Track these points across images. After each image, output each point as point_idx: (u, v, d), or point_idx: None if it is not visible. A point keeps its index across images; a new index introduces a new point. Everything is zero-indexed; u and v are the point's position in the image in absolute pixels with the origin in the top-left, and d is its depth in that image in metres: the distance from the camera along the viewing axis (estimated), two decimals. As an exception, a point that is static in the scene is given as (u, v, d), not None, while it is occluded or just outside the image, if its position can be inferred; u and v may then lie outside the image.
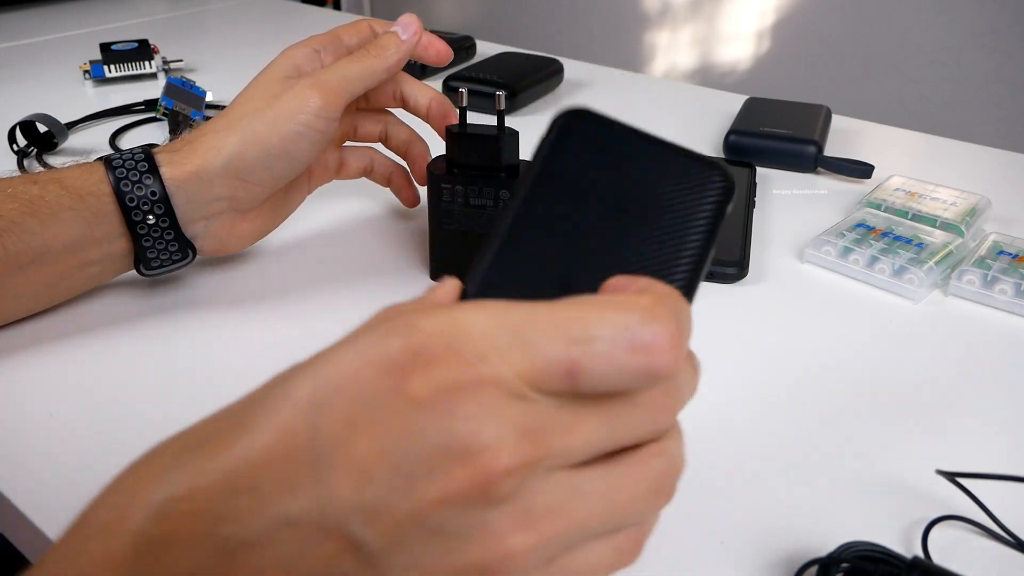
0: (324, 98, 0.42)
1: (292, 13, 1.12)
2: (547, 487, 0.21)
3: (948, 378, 0.41)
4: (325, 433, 0.20)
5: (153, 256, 0.42)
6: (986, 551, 0.31)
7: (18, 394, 0.39)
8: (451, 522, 0.19)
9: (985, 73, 1.54)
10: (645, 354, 0.21)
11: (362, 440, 0.20)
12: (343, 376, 0.20)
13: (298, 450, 0.20)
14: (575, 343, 0.21)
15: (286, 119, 0.42)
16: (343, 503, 0.19)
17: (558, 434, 0.21)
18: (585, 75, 0.84)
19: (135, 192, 0.40)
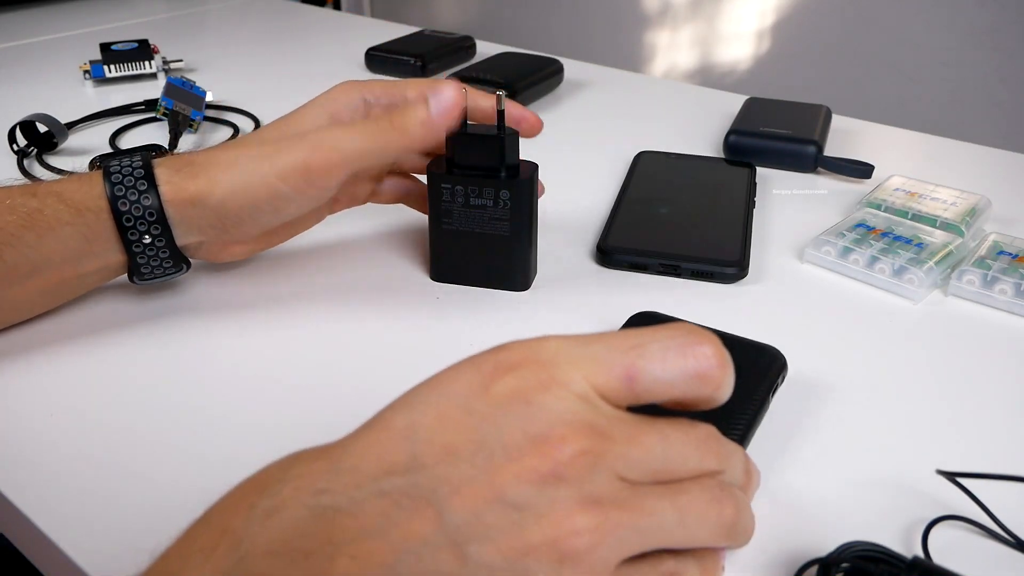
0: (323, 167, 0.39)
1: (292, 13, 1.12)
2: (612, 482, 0.23)
3: (948, 378, 0.41)
4: (420, 425, 0.23)
5: (148, 271, 0.42)
6: (986, 551, 0.31)
7: (18, 395, 0.39)
8: (526, 499, 0.22)
9: (985, 73, 1.54)
10: (694, 357, 0.24)
11: (451, 429, 0.23)
12: (439, 383, 0.24)
13: (395, 440, 0.23)
14: (633, 348, 0.24)
15: (272, 173, 0.39)
16: (431, 476, 0.22)
17: (619, 439, 0.23)
18: (585, 75, 0.84)
19: (132, 212, 0.39)
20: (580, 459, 0.22)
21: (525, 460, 0.22)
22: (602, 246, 0.50)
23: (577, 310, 0.45)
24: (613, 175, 0.61)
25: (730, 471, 0.27)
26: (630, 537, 0.23)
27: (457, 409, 0.23)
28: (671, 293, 0.47)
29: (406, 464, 0.22)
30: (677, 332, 0.25)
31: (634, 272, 0.49)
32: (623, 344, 0.24)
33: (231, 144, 0.43)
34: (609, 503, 0.22)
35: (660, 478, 0.24)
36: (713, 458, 0.26)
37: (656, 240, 0.50)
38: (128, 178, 0.39)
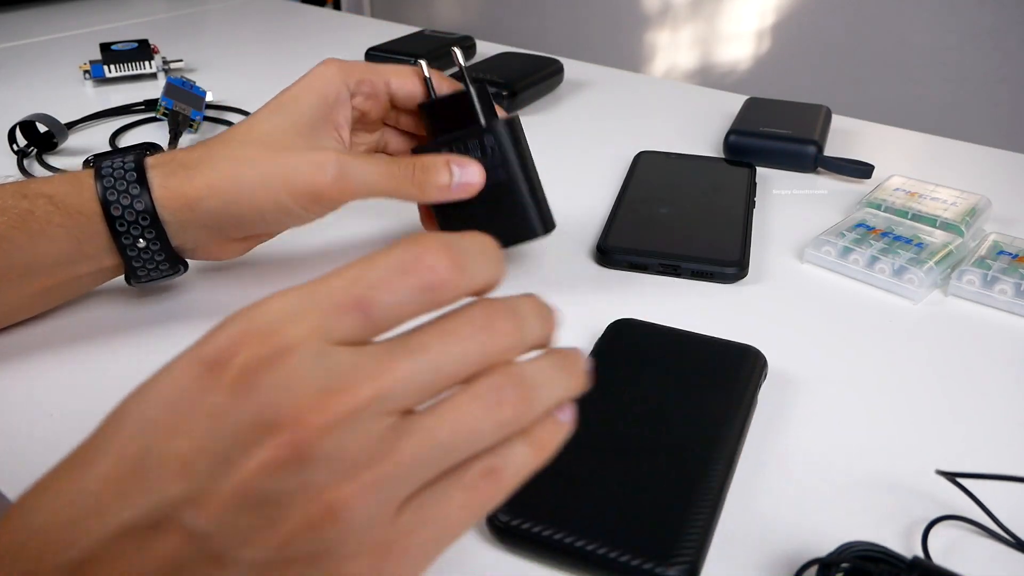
0: (336, 196, 0.40)
1: (292, 13, 1.12)
2: (368, 435, 0.21)
3: (948, 378, 0.41)
4: (152, 445, 0.21)
5: (143, 273, 0.41)
6: (986, 551, 0.31)
7: (18, 395, 0.39)
8: (272, 491, 0.20)
9: (985, 73, 1.54)
10: (419, 272, 0.22)
11: (182, 439, 0.21)
12: (163, 388, 0.22)
13: (130, 467, 0.21)
14: (356, 282, 0.22)
15: (284, 190, 0.39)
16: (172, 498, 0.21)
17: (367, 381, 0.21)
18: (585, 75, 0.84)
19: (125, 216, 0.38)
20: (322, 434, 0.20)
21: (263, 451, 0.20)
22: (602, 246, 0.50)
23: (577, 310, 0.45)
24: (613, 175, 0.61)
25: (525, 332, 0.25)
26: (396, 486, 0.22)
27: (185, 416, 0.21)
28: (671, 293, 0.47)
29: (143, 493, 0.21)
30: (397, 250, 0.23)
31: (634, 272, 0.49)
32: (344, 281, 0.22)
33: (228, 141, 0.41)
34: (363, 464, 0.21)
35: (440, 388, 0.23)
36: (498, 335, 0.23)
37: (656, 240, 0.50)
38: (120, 181, 0.38)
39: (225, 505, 0.21)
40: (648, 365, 0.38)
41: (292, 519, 0.21)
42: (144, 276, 0.41)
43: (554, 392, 0.25)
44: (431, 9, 2.25)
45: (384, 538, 0.22)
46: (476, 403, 0.23)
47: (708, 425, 0.34)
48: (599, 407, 0.35)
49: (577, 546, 0.29)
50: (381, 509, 0.22)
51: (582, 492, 0.31)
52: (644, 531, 0.29)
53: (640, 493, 0.31)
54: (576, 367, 0.25)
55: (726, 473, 0.32)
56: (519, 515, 0.30)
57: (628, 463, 0.32)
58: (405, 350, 0.22)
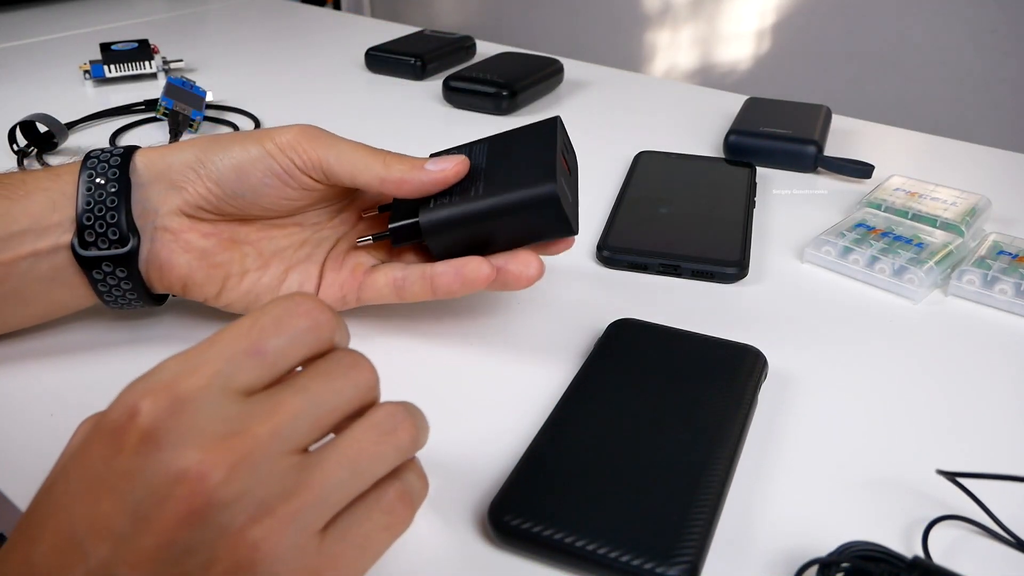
0: (306, 142, 0.39)
1: (292, 13, 1.12)
2: (273, 473, 0.23)
3: (948, 378, 0.41)
4: (78, 515, 0.23)
5: (89, 223, 0.37)
6: (986, 551, 0.31)
7: (18, 395, 0.39)
8: (194, 540, 0.22)
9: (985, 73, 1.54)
10: (299, 315, 0.26)
11: (103, 503, 0.23)
12: (79, 462, 0.24)
13: (66, 539, 0.23)
14: (248, 331, 0.25)
15: (262, 140, 0.39)
16: (104, 559, 0.22)
17: (262, 422, 0.23)
18: (585, 75, 0.84)
19: (98, 167, 0.38)
20: (228, 478, 0.22)
21: (176, 503, 0.22)
22: (602, 246, 0.50)
23: (577, 310, 0.45)
24: (613, 175, 0.61)
25: (375, 373, 0.27)
26: (313, 514, 0.23)
27: (101, 483, 0.23)
28: (671, 293, 0.47)
29: (82, 563, 0.22)
30: (278, 301, 0.26)
31: (634, 272, 0.49)
32: (238, 331, 0.25)
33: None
34: (276, 499, 0.23)
35: (327, 424, 0.25)
36: (364, 372, 0.27)
37: (656, 240, 0.50)
38: (106, 153, 0.39)
39: (152, 559, 0.22)
40: (648, 365, 0.38)
41: (218, 564, 0.22)
42: (92, 239, 0.38)
43: (425, 430, 0.28)
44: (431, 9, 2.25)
45: (312, 564, 0.23)
46: (374, 431, 0.26)
47: (708, 425, 0.34)
48: (599, 407, 0.35)
49: (577, 546, 0.29)
50: (302, 538, 0.23)
51: (582, 492, 0.31)
52: (644, 531, 0.29)
53: (640, 493, 0.31)
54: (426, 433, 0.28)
55: (726, 473, 0.32)
56: (519, 515, 0.30)
57: (628, 463, 0.32)
58: (291, 391, 0.25)
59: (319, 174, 0.39)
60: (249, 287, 0.41)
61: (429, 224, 0.39)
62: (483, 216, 0.38)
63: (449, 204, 0.39)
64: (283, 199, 0.40)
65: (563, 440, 0.34)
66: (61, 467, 0.25)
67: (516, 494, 0.31)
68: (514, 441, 0.36)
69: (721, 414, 0.35)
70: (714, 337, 0.40)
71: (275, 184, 0.39)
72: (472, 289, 0.39)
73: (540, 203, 0.37)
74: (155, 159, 0.39)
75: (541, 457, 0.33)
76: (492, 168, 0.39)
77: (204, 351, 0.24)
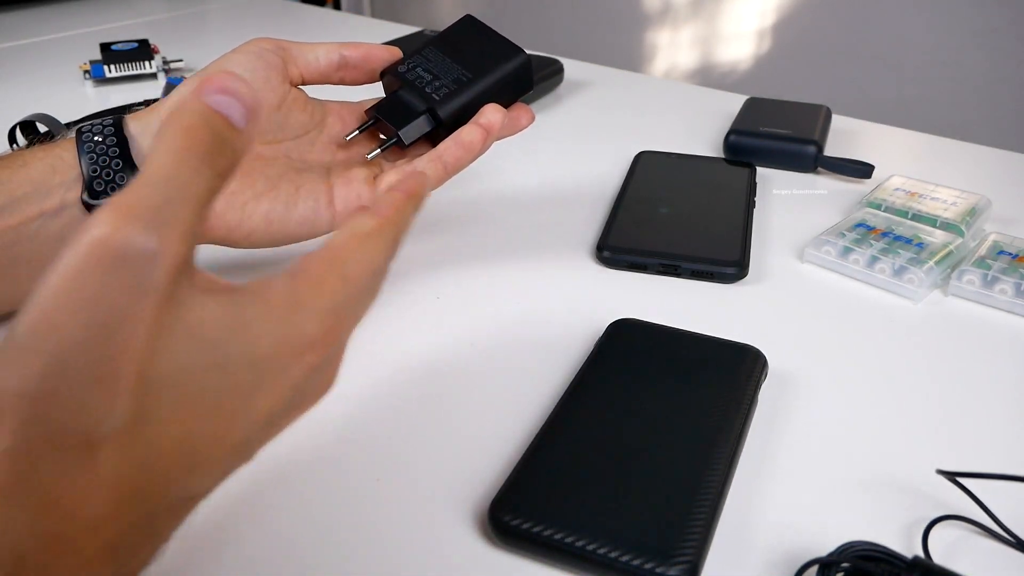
0: (293, 49, 0.44)
1: (292, 13, 1.12)
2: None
3: (948, 378, 0.41)
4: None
5: (96, 174, 0.39)
6: (986, 551, 0.31)
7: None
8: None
9: (985, 73, 1.54)
10: None
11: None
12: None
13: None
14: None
15: (253, 46, 0.43)
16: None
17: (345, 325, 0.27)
18: (585, 75, 0.84)
19: (93, 129, 0.40)
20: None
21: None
22: (602, 246, 0.50)
23: (577, 310, 0.45)
24: (613, 175, 0.61)
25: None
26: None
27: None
28: (671, 293, 0.47)
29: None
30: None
31: (634, 272, 0.49)
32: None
33: None
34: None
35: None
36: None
37: (656, 240, 0.50)
38: (99, 124, 0.41)
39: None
40: (648, 365, 0.38)
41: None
42: (101, 188, 0.39)
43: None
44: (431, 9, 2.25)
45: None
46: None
47: (708, 425, 0.34)
48: (599, 407, 0.35)
49: (577, 546, 0.29)
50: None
51: (582, 492, 0.31)
52: (644, 531, 0.29)
53: (640, 493, 0.31)
54: None
55: (726, 473, 0.32)
56: (519, 515, 0.30)
57: (628, 463, 0.32)
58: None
59: (285, 55, 0.44)
60: (267, 210, 0.42)
61: (448, 113, 0.44)
62: (485, 92, 0.45)
63: (452, 93, 0.44)
64: (269, 88, 0.43)
65: (563, 440, 0.34)
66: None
67: (516, 494, 0.31)
68: (514, 441, 0.36)
69: (721, 414, 0.35)
70: (714, 337, 0.40)
71: (258, 69, 0.42)
72: (475, 150, 0.44)
73: (522, 68, 0.46)
74: (142, 114, 0.42)
75: (541, 457, 0.33)
76: (457, 58, 0.46)
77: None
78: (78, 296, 0.20)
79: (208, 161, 0.23)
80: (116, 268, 0.20)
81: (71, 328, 0.20)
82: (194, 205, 0.23)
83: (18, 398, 0.20)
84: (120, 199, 0.21)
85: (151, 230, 0.21)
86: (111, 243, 0.20)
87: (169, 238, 0.21)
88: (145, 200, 0.21)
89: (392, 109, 0.45)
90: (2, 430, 0.20)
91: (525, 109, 0.47)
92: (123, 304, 0.21)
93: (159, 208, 0.21)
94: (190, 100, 0.24)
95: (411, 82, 0.45)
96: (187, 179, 0.23)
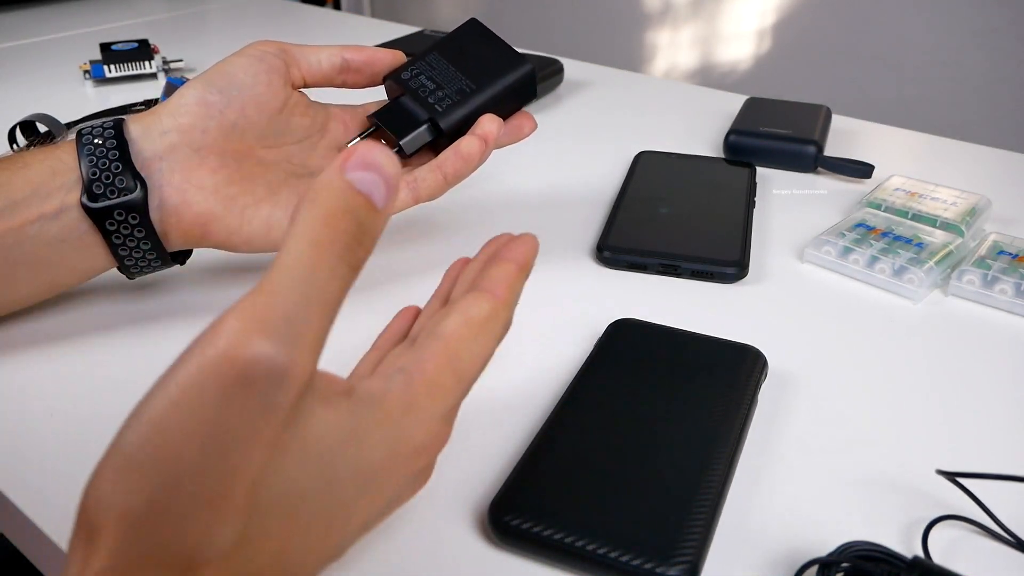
0: (293, 51, 0.43)
1: (292, 13, 1.12)
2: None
3: (948, 378, 0.41)
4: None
5: (95, 177, 0.38)
6: (986, 551, 0.31)
7: (18, 393, 0.39)
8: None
9: (985, 73, 1.54)
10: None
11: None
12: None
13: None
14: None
15: (252, 52, 0.43)
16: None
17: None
18: (585, 75, 0.84)
19: (93, 133, 0.40)
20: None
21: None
22: (602, 246, 0.50)
23: (577, 310, 0.45)
24: (613, 175, 0.61)
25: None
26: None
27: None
28: (671, 293, 0.47)
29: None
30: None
31: (634, 272, 0.49)
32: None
33: None
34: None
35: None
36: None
37: (656, 240, 0.50)
38: (99, 127, 0.40)
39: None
40: (648, 365, 0.38)
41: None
42: (100, 191, 0.38)
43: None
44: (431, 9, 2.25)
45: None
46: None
47: (708, 425, 0.34)
48: (599, 407, 0.35)
49: (577, 546, 0.29)
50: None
51: (582, 492, 0.31)
52: (644, 531, 0.29)
53: (640, 493, 0.31)
54: None
55: (726, 473, 0.32)
56: (519, 515, 0.30)
57: (628, 463, 0.32)
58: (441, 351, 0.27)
59: (288, 57, 0.43)
60: (267, 216, 0.42)
61: (449, 124, 0.44)
62: (488, 103, 0.45)
63: (454, 104, 0.44)
64: (270, 92, 0.42)
65: (563, 440, 0.34)
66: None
67: (516, 494, 0.31)
68: (514, 441, 0.36)
69: (721, 414, 0.35)
70: (714, 337, 0.40)
71: (260, 72, 0.42)
72: (474, 162, 0.44)
73: (526, 79, 0.46)
74: (142, 116, 0.41)
75: (541, 457, 0.33)
76: (461, 66, 0.46)
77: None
78: (197, 415, 0.19)
79: (347, 256, 0.21)
80: (241, 388, 0.19)
81: (186, 449, 0.19)
82: (328, 310, 0.21)
83: (121, 517, 0.18)
84: (250, 305, 0.19)
85: (282, 345, 0.19)
86: (238, 360, 0.19)
87: (301, 353, 0.19)
88: (278, 308, 0.19)
89: (394, 117, 0.45)
90: (99, 549, 0.19)
91: (527, 117, 0.47)
92: (244, 426, 0.19)
93: (292, 317, 0.19)
94: (332, 177, 0.21)
95: (414, 90, 0.45)
96: (324, 280, 0.20)
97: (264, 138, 0.43)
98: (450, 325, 0.25)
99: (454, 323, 0.25)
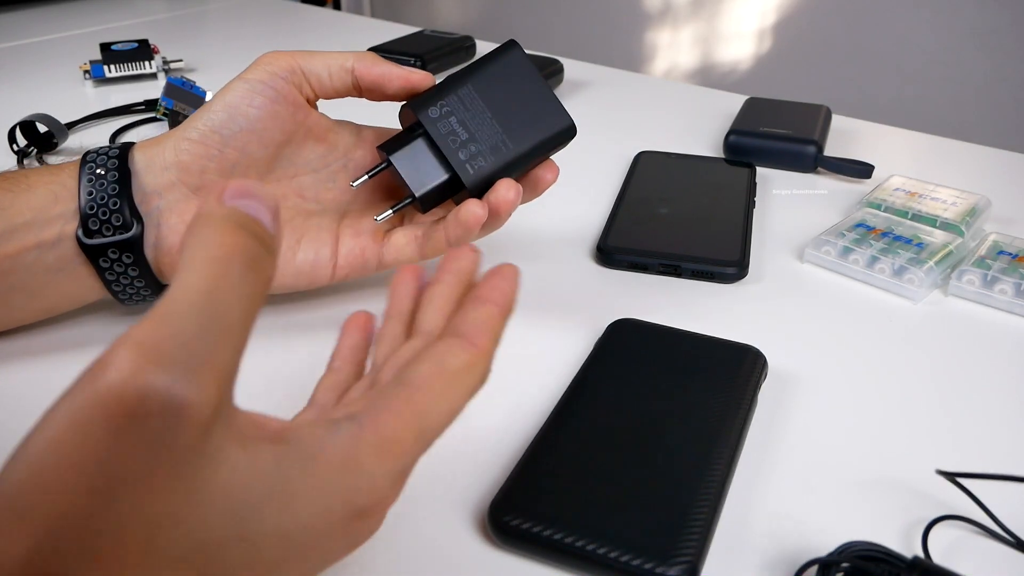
0: (301, 59, 0.40)
1: (292, 13, 1.12)
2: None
3: (948, 378, 0.41)
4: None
5: (92, 212, 0.37)
6: (986, 551, 0.31)
7: (18, 395, 0.39)
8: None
9: (985, 73, 1.54)
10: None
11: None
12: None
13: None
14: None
15: (253, 74, 0.40)
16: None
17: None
18: (585, 75, 0.84)
19: (97, 160, 0.39)
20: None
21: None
22: (602, 246, 0.50)
23: (577, 310, 0.45)
24: (613, 175, 0.61)
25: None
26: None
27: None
28: (671, 293, 0.47)
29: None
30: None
31: (634, 272, 0.49)
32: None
33: None
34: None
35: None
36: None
37: (656, 240, 0.50)
38: (102, 157, 0.39)
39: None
40: (648, 365, 0.38)
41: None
42: (96, 228, 0.37)
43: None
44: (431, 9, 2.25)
45: None
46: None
47: (708, 425, 0.34)
48: (599, 407, 0.35)
49: (577, 546, 0.29)
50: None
51: (582, 492, 0.31)
52: (644, 531, 0.29)
53: (640, 493, 0.31)
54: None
55: (726, 473, 0.32)
56: (519, 515, 0.30)
57: (628, 463, 0.32)
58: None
59: (298, 77, 0.40)
60: None
61: (474, 183, 0.40)
62: (520, 161, 0.41)
63: (486, 165, 0.40)
64: (275, 124, 0.40)
65: (563, 440, 0.34)
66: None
67: (516, 494, 0.31)
68: (514, 441, 0.36)
69: (721, 414, 0.35)
70: (714, 337, 0.40)
71: (263, 104, 0.39)
72: (473, 232, 0.40)
73: (564, 135, 0.42)
74: (150, 144, 0.40)
75: (541, 457, 0.33)
76: (498, 112, 0.40)
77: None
78: (81, 456, 0.16)
79: (248, 276, 0.19)
80: (131, 424, 0.16)
81: (69, 494, 0.16)
82: (233, 337, 0.18)
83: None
84: (142, 332, 0.17)
85: (180, 375, 0.17)
86: (128, 394, 0.16)
87: (201, 383, 0.17)
88: (174, 335, 0.17)
89: (412, 160, 0.40)
90: None
91: (550, 166, 0.42)
92: (136, 468, 0.17)
93: (190, 345, 0.17)
94: (212, 206, 0.20)
95: (443, 135, 0.39)
96: (226, 302, 0.18)
97: (270, 172, 0.41)
98: (421, 373, 0.22)
99: (426, 372, 0.23)
